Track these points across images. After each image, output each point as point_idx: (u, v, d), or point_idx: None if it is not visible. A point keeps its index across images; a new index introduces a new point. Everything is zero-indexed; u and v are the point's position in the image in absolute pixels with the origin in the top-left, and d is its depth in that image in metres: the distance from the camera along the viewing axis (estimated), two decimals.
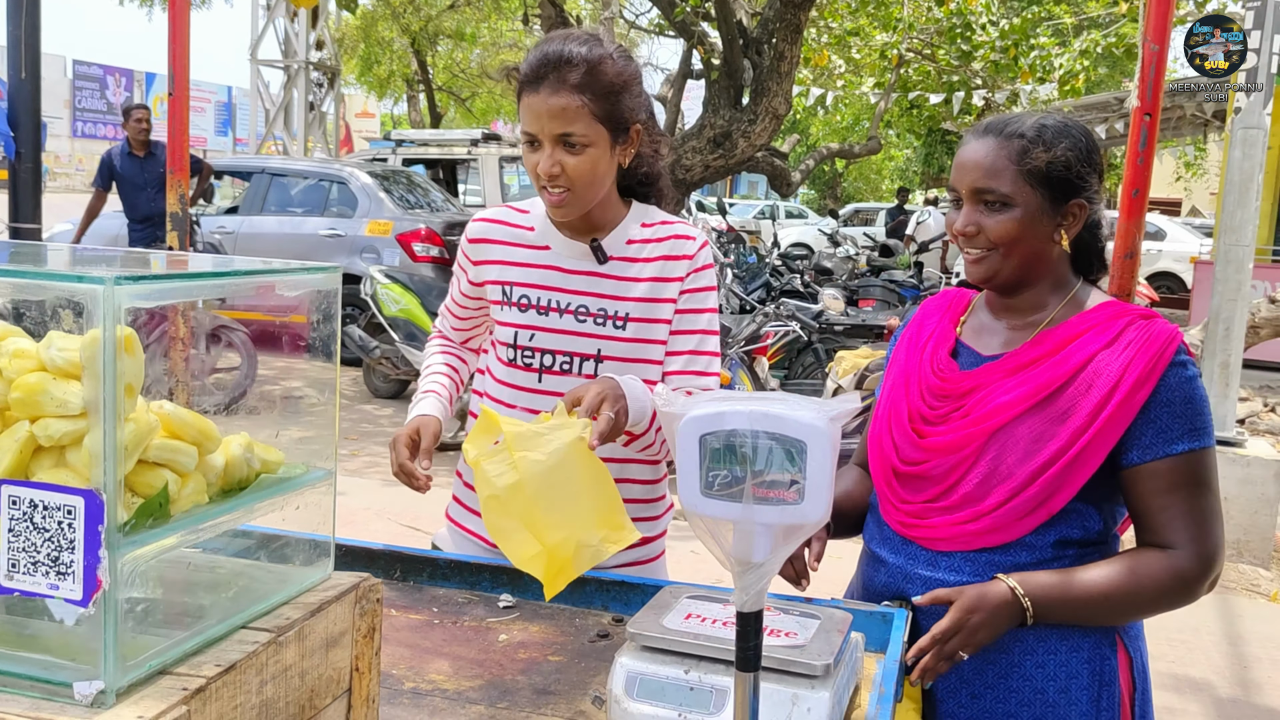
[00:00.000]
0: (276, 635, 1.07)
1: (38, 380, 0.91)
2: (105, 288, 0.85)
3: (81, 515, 0.89)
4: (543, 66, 1.79)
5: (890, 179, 36.53)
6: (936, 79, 13.20)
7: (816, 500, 1.12)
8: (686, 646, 1.36)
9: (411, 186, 11.02)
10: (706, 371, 1.94)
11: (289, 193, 10.56)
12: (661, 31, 14.53)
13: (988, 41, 11.89)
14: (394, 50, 18.79)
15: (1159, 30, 2.04)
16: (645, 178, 1.97)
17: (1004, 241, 1.65)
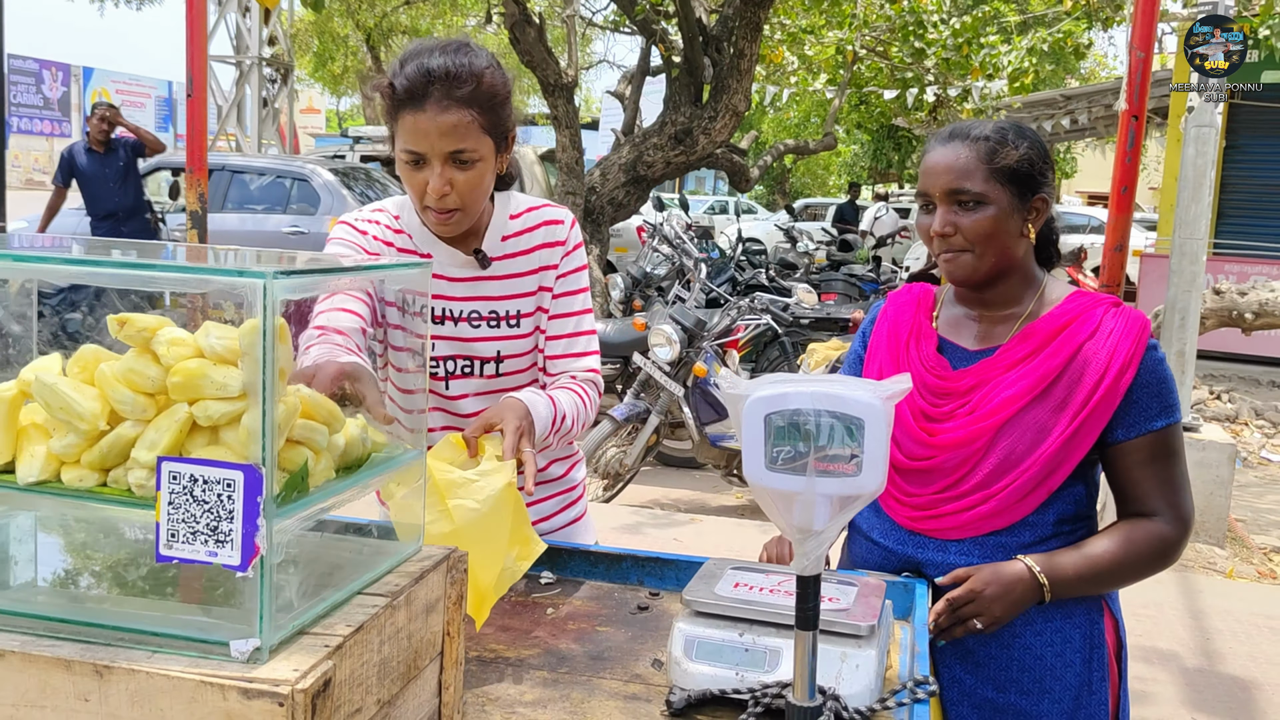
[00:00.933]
0: (391, 600, 1.16)
1: (198, 365, 1.00)
2: (266, 281, 0.95)
3: (240, 488, 0.98)
4: (425, 82, 1.70)
5: (838, 174, 36.92)
6: (889, 76, 13.43)
7: (873, 472, 1.23)
8: (740, 611, 1.48)
9: (371, 183, 11.03)
10: (586, 351, 1.97)
11: (249, 190, 10.52)
12: (617, 28, 14.63)
13: (939, 39, 12.14)
14: (349, 46, 18.70)
15: (1145, 38, 2.19)
16: (507, 180, 1.96)
17: (979, 239, 1.76)
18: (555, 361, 1.95)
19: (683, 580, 1.87)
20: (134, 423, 1.03)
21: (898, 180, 31.64)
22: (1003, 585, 1.71)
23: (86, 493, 1.04)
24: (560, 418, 1.83)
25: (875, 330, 1.98)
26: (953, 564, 1.78)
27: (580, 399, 1.90)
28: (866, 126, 22.55)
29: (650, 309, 7.72)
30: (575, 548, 1.92)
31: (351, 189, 10.38)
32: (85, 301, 1.11)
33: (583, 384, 1.94)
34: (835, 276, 9.26)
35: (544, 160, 12.99)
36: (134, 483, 1.02)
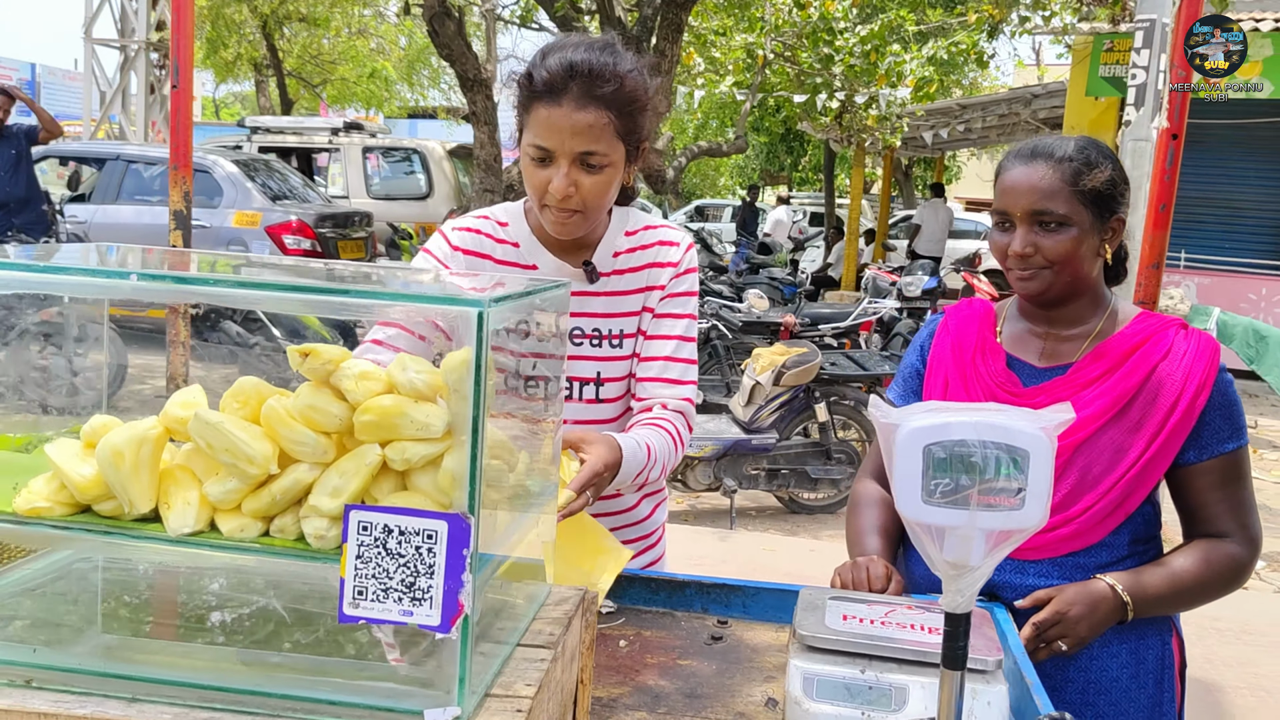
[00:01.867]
0: (554, 651, 1.07)
1: (395, 403, 0.89)
2: (483, 310, 0.85)
3: (444, 539, 0.88)
4: (566, 77, 1.62)
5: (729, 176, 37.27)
6: (796, 81, 13.58)
7: (1036, 505, 1.18)
8: (860, 647, 1.42)
9: (272, 174, 10.64)
10: (681, 379, 1.85)
11: (145, 181, 10.03)
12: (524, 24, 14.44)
13: (847, 46, 12.32)
14: (243, 33, 18.04)
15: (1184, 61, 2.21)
16: (627, 195, 1.88)
17: (1060, 260, 1.74)
18: (646, 385, 1.84)
19: (750, 607, 1.80)
20: (311, 466, 0.91)
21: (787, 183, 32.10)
22: (1088, 605, 1.69)
23: (251, 544, 0.92)
24: (649, 468, 1.73)
25: (936, 345, 1.95)
26: (1031, 585, 1.76)
27: (672, 439, 1.80)
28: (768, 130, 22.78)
29: None
30: (635, 574, 1.83)
31: (254, 180, 10.00)
32: None
33: (675, 418, 1.83)
34: (757, 279, 9.30)
35: (453, 156, 12.75)
36: (311, 533, 0.91)
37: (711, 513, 5.98)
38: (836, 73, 12.73)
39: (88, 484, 0.92)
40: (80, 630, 1.03)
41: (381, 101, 23.62)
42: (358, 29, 19.81)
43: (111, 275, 0.84)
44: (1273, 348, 7.42)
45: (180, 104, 2.48)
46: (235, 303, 0.84)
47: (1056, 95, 14.06)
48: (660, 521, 2.02)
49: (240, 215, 9.60)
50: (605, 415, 1.85)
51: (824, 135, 16.03)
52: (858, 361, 5.97)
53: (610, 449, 1.63)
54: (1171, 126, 2.24)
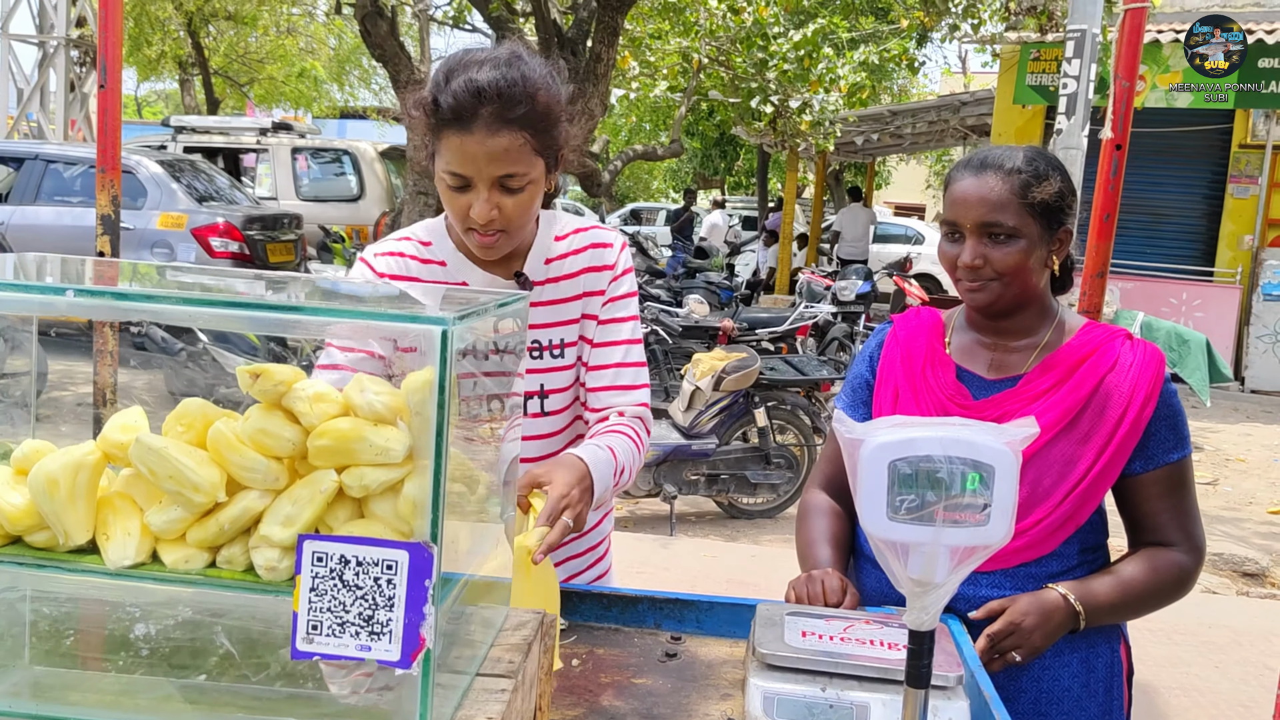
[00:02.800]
0: (515, 681, 1.03)
1: (352, 427, 0.84)
2: (448, 328, 0.80)
3: (404, 570, 0.84)
4: (475, 102, 1.54)
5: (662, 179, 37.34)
6: (731, 85, 13.63)
7: (1002, 521, 1.18)
8: (819, 665, 1.39)
9: (198, 175, 10.39)
10: (634, 384, 1.82)
11: (65, 181, 9.74)
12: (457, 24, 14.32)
13: (780, 52, 12.40)
14: (168, 30, 17.58)
15: (1129, 67, 2.24)
16: (549, 197, 1.83)
17: (1009, 271, 1.74)
18: (599, 395, 1.79)
19: (704, 622, 1.77)
20: (261, 493, 0.86)
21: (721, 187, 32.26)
22: (1041, 615, 1.69)
23: (197, 576, 0.86)
24: (618, 473, 1.69)
25: (885, 355, 1.93)
26: (985, 596, 1.76)
27: (634, 444, 1.76)
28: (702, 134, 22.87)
29: None
30: (587, 590, 1.79)
31: (179, 181, 9.76)
32: None
33: (634, 424, 1.79)
34: (694, 284, 9.30)
35: (385, 158, 12.57)
36: (262, 564, 0.86)
37: (651, 518, 5.95)
38: (770, 77, 12.80)
39: (19, 514, 0.86)
40: (8, 666, 0.96)
41: (310, 101, 23.23)
42: (286, 28, 19.45)
43: (46, 291, 0.78)
44: (1194, 351, 7.61)
45: (108, 104, 2.39)
46: (182, 321, 0.79)
47: (984, 103, 14.32)
48: (607, 533, 1.99)
49: (165, 217, 9.36)
50: (552, 428, 1.81)
51: (758, 140, 16.12)
52: (795, 366, 5.99)
53: (570, 468, 1.58)
54: (1116, 136, 2.27)
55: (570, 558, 1.90)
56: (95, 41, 15.47)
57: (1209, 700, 3.84)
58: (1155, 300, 11.55)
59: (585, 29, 9.10)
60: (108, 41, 2.24)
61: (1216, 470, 7.93)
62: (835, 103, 13.29)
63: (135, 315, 0.78)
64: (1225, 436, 9.15)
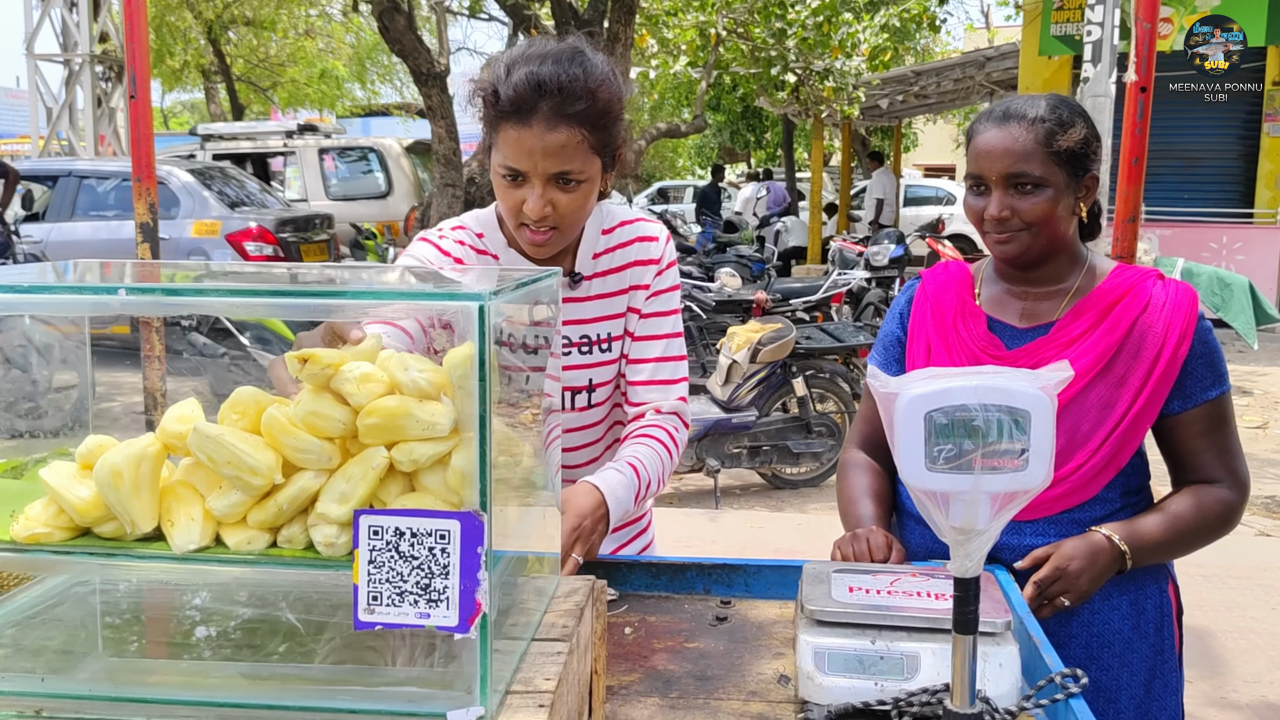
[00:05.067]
0: (570, 645, 1.06)
1: (399, 404, 0.87)
2: (485, 303, 0.83)
3: (457, 539, 0.87)
4: (535, 95, 1.54)
5: (687, 156, 37.22)
6: (750, 57, 13.57)
7: (1040, 465, 1.19)
8: (868, 618, 1.41)
9: (228, 181, 10.52)
10: (673, 379, 1.82)
11: (99, 196, 9.89)
12: (474, 14, 14.34)
13: (798, 19, 12.32)
14: (188, 40, 17.75)
15: (1149, 10, 2.22)
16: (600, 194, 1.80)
17: (1037, 221, 1.74)
18: (638, 389, 1.80)
19: (752, 585, 1.80)
20: (316, 473, 0.90)
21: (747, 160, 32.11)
22: (1087, 558, 1.70)
23: (260, 556, 0.90)
24: (644, 487, 1.70)
25: (915, 311, 1.94)
26: (1028, 545, 1.77)
27: (667, 447, 1.76)
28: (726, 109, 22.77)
29: None
30: (635, 560, 1.82)
31: (211, 188, 9.88)
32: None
33: (668, 421, 1.79)
34: (725, 258, 9.29)
35: (411, 153, 12.64)
36: (321, 541, 0.89)
37: (696, 494, 5.99)
38: (790, 46, 12.73)
39: (86, 506, 0.90)
40: (85, 655, 1.00)
41: (334, 101, 23.37)
42: (304, 29, 19.57)
43: (99, 291, 0.82)
44: (1238, 294, 7.51)
45: (139, 115, 2.43)
46: (229, 312, 0.82)
47: (1009, 57, 14.13)
48: (647, 506, 2.02)
49: (199, 225, 9.49)
50: (594, 419, 1.83)
51: (782, 110, 16.03)
52: (832, 334, 5.98)
53: (584, 494, 1.59)
54: (1140, 79, 2.25)
55: (613, 531, 1.93)
56: (119, 56, 15.66)
57: (1266, 642, 3.81)
58: (1195, 245, 11.38)
59: (601, 9, 9.09)
60: (135, 53, 2.28)
61: (1266, 414, 7.82)
62: (857, 67, 13.19)
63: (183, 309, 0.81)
64: (1274, 379, 9.02)
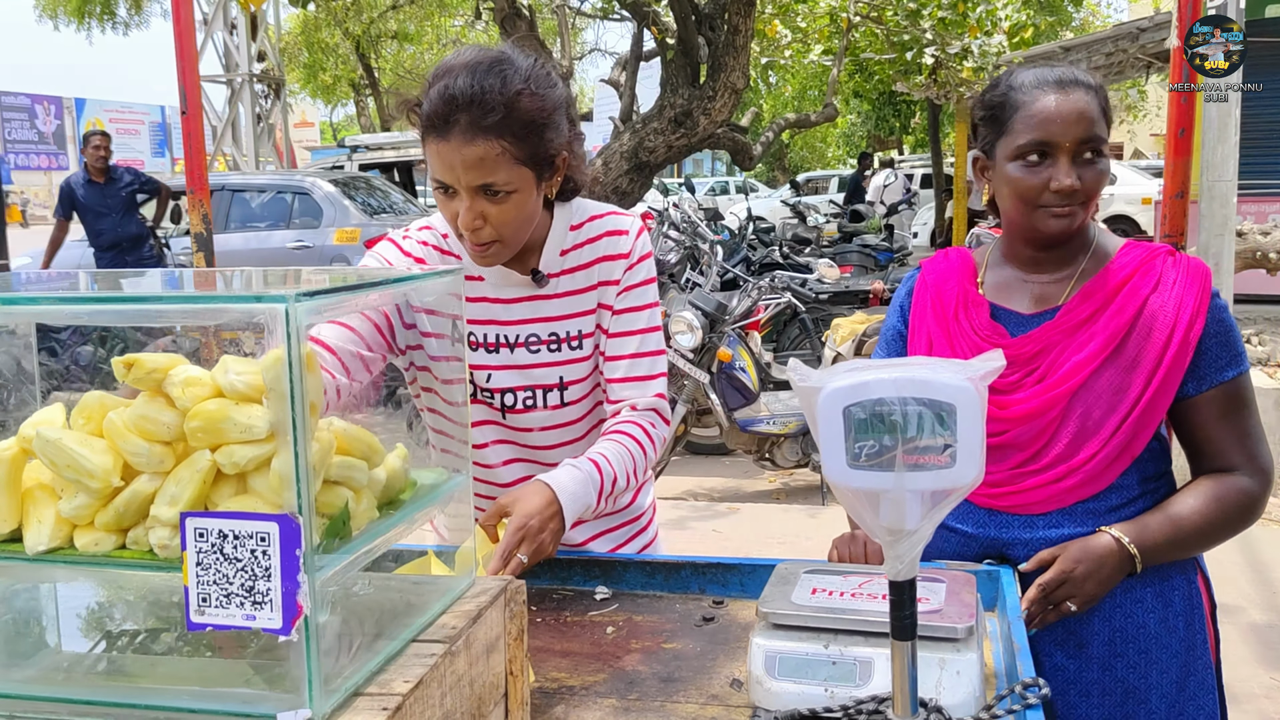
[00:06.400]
0: (449, 645, 1.05)
1: (218, 407, 0.88)
2: (289, 305, 0.83)
3: (276, 541, 0.87)
4: (450, 108, 1.53)
5: (836, 146, 36.66)
6: (885, 41, 13.24)
7: (969, 461, 1.12)
8: (823, 621, 1.36)
9: (372, 191, 10.92)
10: (650, 374, 1.79)
11: (251, 208, 10.42)
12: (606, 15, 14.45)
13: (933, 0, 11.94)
14: (338, 55, 18.56)
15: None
16: (570, 190, 1.77)
17: (1097, 191, 1.64)
18: (614, 387, 1.78)
19: (747, 585, 1.75)
20: (151, 476, 0.92)
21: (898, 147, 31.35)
22: (1093, 561, 1.60)
23: (104, 558, 0.92)
24: (610, 483, 1.68)
25: (916, 302, 1.86)
26: (1041, 539, 1.68)
27: (639, 443, 1.74)
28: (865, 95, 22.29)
29: (665, 296, 7.59)
30: (629, 559, 1.80)
31: (354, 199, 10.28)
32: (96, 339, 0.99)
33: (644, 418, 1.77)
34: (849, 248, 9.11)
35: None
36: (156, 543, 0.91)
37: (804, 489, 5.88)
38: (925, 27, 12.35)
39: None
40: None
41: None
42: (450, 40, 20.16)
43: None
44: None
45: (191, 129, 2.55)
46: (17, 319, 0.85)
47: (1163, 28, 13.36)
48: (647, 504, 1.98)
49: (340, 233, 9.88)
50: (572, 417, 1.82)
51: (921, 93, 15.58)
52: None
53: (534, 493, 1.58)
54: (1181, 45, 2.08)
55: (608, 530, 1.91)
56: (276, 75, 16.49)
57: None
58: None
59: (721, 2, 9.02)
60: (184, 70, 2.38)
61: None
62: (998, 45, 12.68)
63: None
64: None
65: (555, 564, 1.81)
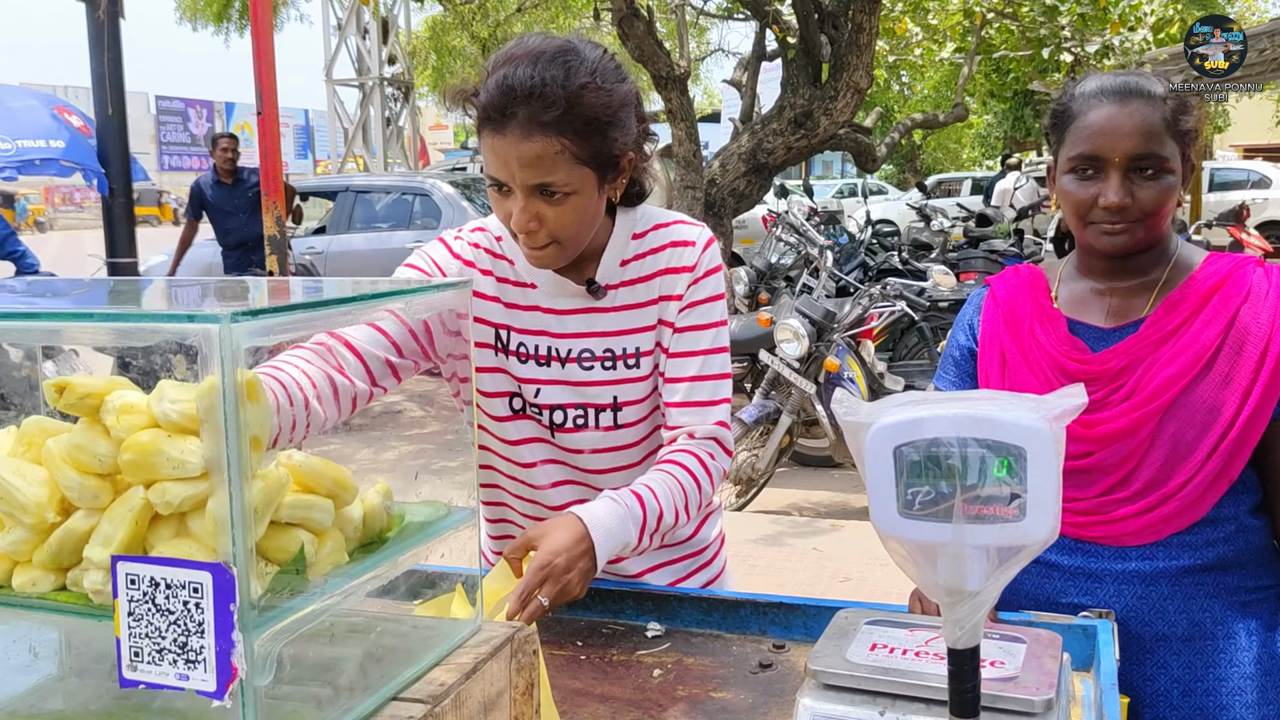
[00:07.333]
0: (432, 706, 0.94)
1: (151, 439, 0.79)
2: (221, 326, 0.73)
3: (210, 593, 0.77)
4: (508, 100, 1.42)
5: (971, 147, 35.64)
6: (1020, 38, 12.74)
7: (1041, 515, 0.96)
8: (879, 684, 1.20)
9: None
10: (711, 400, 1.63)
11: (374, 209, 10.62)
12: (730, 15, 14.30)
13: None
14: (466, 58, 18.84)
15: None
16: (635, 194, 1.65)
17: (1158, 209, 1.53)
18: (673, 412, 1.62)
19: (812, 628, 1.60)
20: (87, 512, 0.82)
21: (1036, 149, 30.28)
22: None
23: (39, 600, 0.84)
24: (654, 519, 1.52)
25: (985, 320, 1.73)
26: (1134, 571, 1.56)
27: (693, 476, 1.58)
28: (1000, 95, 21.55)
29: (777, 301, 7.39)
30: (685, 593, 1.66)
31: (473, 201, 10.35)
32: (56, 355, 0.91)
33: (702, 448, 1.61)
34: (974, 254, 8.73)
35: (664, 156, 12.76)
36: (90, 588, 0.82)
37: None
38: (1064, 23, 11.83)
39: None
40: None
41: None
42: None
43: None
44: None
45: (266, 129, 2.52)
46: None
47: None
48: (712, 536, 1.83)
49: None
50: (627, 440, 1.67)
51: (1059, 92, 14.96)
52: None
53: (563, 527, 1.43)
54: None
55: (669, 562, 1.78)
56: (405, 78, 16.83)
57: None
58: None
59: (845, 0, 8.77)
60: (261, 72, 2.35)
61: None
62: (1141, 42, 12.06)
63: None
64: None
65: (607, 596, 1.69)
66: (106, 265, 8.02)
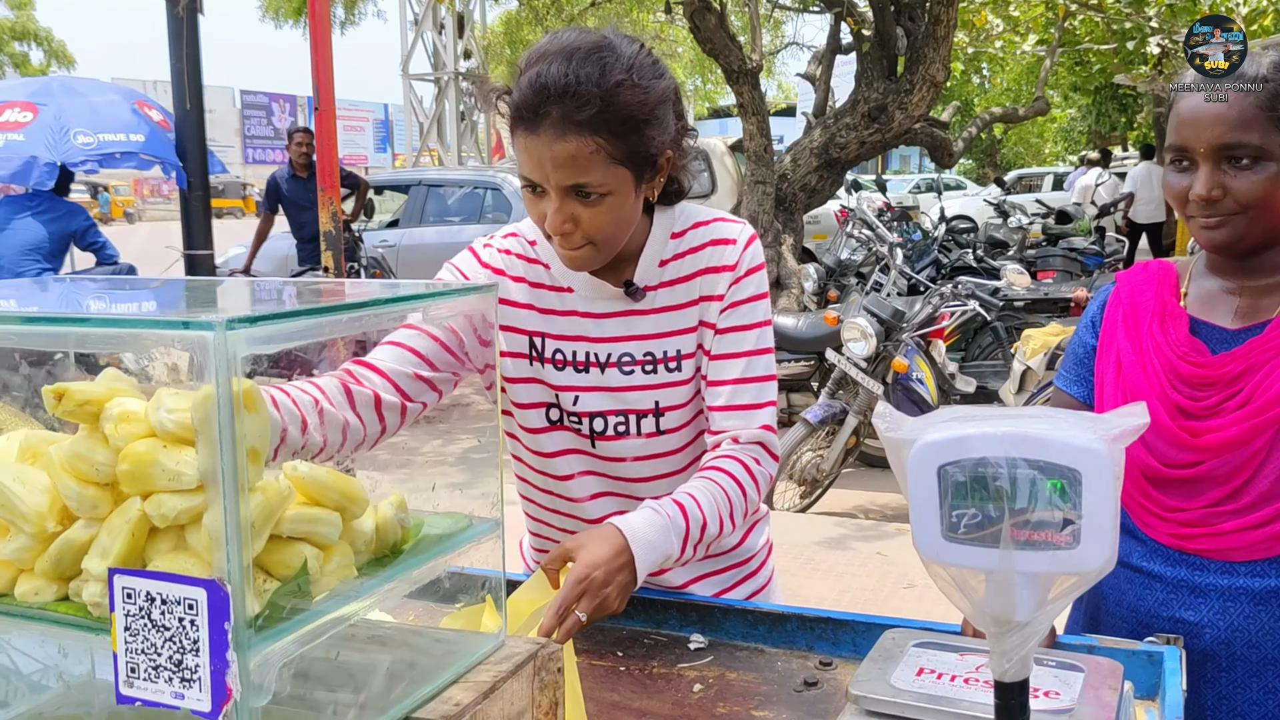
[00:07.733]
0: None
1: (147, 449, 0.76)
2: (216, 334, 0.69)
3: (205, 610, 0.74)
4: (541, 99, 1.38)
5: (1053, 141, 34.88)
6: (1105, 30, 12.39)
7: (1097, 543, 0.89)
8: (923, 712, 1.14)
9: None
10: (755, 403, 1.57)
11: (445, 203, 10.69)
12: (805, 8, 14.12)
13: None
14: None
15: None
16: (674, 193, 1.60)
17: (1255, 203, 1.43)
18: (717, 416, 1.57)
19: (860, 645, 1.53)
20: (87, 522, 0.80)
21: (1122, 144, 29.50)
22: None
23: (40, 610, 0.81)
24: (698, 529, 1.47)
25: (1108, 316, 1.65)
26: (1243, 589, 1.47)
27: (738, 483, 1.52)
28: (1084, 88, 21.02)
29: (846, 299, 7.27)
30: (730, 605, 1.61)
31: None
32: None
33: (747, 453, 1.56)
34: (1053, 252, 8.51)
35: (735, 151, 12.64)
36: (89, 600, 0.79)
37: None
38: (1150, 14, 11.47)
39: None
40: None
41: None
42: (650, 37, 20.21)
43: None
44: None
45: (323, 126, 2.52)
46: None
47: None
48: (759, 546, 1.77)
49: None
50: (669, 447, 1.62)
51: (1146, 86, 14.52)
52: None
53: (602, 539, 1.38)
54: None
55: (714, 572, 1.72)
56: (480, 73, 16.94)
57: None
58: None
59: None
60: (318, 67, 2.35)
61: None
62: None
63: None
64: None
65: (650, 605, 1.64)
66: (184, 257, 8.18)
